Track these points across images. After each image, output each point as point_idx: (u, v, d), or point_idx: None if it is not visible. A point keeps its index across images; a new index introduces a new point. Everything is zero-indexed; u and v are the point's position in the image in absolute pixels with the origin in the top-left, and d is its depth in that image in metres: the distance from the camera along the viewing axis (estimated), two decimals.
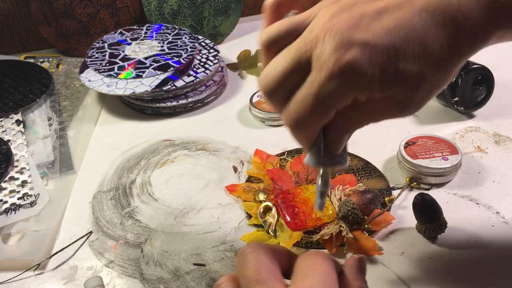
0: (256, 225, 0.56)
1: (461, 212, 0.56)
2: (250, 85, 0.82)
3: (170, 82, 0.74)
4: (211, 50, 0.82)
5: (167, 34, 0.84)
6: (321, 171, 0.38)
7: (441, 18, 0.31)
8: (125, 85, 0.73)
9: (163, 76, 0.75)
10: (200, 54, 0.81)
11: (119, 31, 0.86)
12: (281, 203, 0.56)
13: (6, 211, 0.59)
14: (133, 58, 0.78)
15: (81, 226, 0.58)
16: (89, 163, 0.68)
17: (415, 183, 0.60)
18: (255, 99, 0.74)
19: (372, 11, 0.31)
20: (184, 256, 0.53)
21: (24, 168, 0.65)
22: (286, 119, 0.35)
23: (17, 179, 0.64)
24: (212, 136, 0.71)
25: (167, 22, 0.92)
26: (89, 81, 0.75)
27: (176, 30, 0.85)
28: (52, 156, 0.68)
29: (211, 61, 0.80)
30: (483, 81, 0.68)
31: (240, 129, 0.72)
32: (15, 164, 0.66)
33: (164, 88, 0.74)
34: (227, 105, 0.78)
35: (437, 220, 0.52)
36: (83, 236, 0.57)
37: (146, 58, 0.78)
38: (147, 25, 0.88)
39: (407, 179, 0.60)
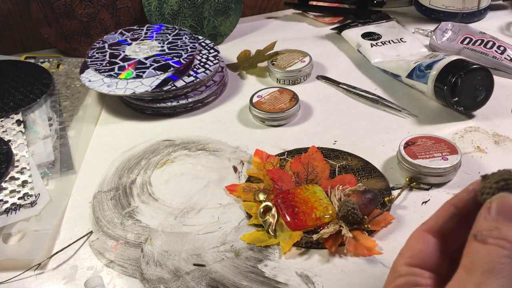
0: (256, 225, 0.56)
1: None
2: (250, 85, 0.82)
3: (170, 82, 0.74)
4: (211, 50, 0.82)
5: (167, 35, 0.84)
6: None
7: None
8: (126, 85, 0.73)
9: (163, 76, 0.75)
10: (200, 54, 0.81)
11: (119, 31, 0.86)
12: (281, 203, 0.56)
13: (7, 211, 0.59)
14: (134, 58, 0.78)
15: (82, 226, 0.58)
16: (89, 163, 0.68)
17: (414, 183, 0.60)
18: (255, 99, 0.74)
19: None
20: (184, 256, 0.53)
21: (25, 168, 0.66)
22: None
23: (18, 179, 0.64)
24: (212, 136, 0.71)
25: (167, 23, 0.92)
26: (90, 81, 0.75)
27: (176, 31, 0.85)
28: (52, 156, 0.68)
29: (211, 61, 0.80)
30: (482, 81, 0.68)
31: (240, 129, 0.72)
32: (16, 164, 0.66)
33: (164, 88, 0.74)
34: (227, 105, 0.78)
35: None
36: (84, 236, 0.57)
37: (146, 58, 0.78)
38: (147, 25, 0.88)
39: (407, 179, 0.60)
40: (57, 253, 0.55)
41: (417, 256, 0.32)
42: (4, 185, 0.63)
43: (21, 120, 0.73)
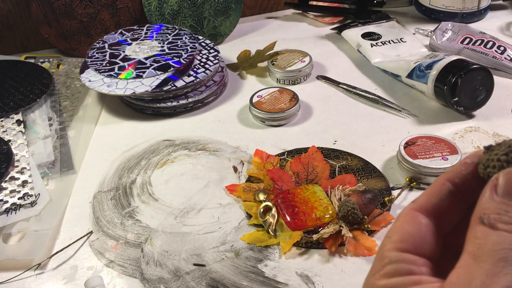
0: (256, 225, 0.56)
1: None
2: (250, 85, 0.82)
3: (171, 82, 0.74)
4: (211, 50, 0.82)
5: (167, 35, 0.84)
6: None
7: None
8: (126, 85, 0.73)
9: (163, 76, 0.75)
10: (200, 54, 0.81)
11: (119, 31, 0.86)
12: (281, 203, 0.56)
13: (7, 211, 0.59)
14: (134, 58, 0.78)
15: (82, 226, 0.58)
16: (89, 163, 0.68)
17: (414, 183, 0.60)
18: (255, 99, 0.74)
19: None
20: (184, 256, 0.53)
21: (25, 168, 0.65)
22: None
23: (18, 179, 0.64)
24: (212, 136, 0.71)
25: (167, 23, 0.92)
26: (90, 81, 0.75)
27: (176, 31, 0.85)
28: (52, 156, 0.68)
29: (211, 61, 0.80)
30: (482, 81, 0.68)
31: (240, 129, 0.72)
32: (16, 164, 0.66)
33: (164, 88, 0.74)
34: (227, 105, 0.78)
35: None
36: (84, 236, 0.57)
37: (146, 58, 0.78)
38: (147, 25, 0.88)
39: (407, 179, 0.60)
40: (57, 253, 0.55)
41: (408, 240, 0.28)
42: (4, 185, 0.63)
43: (21, 120, 0.73)
